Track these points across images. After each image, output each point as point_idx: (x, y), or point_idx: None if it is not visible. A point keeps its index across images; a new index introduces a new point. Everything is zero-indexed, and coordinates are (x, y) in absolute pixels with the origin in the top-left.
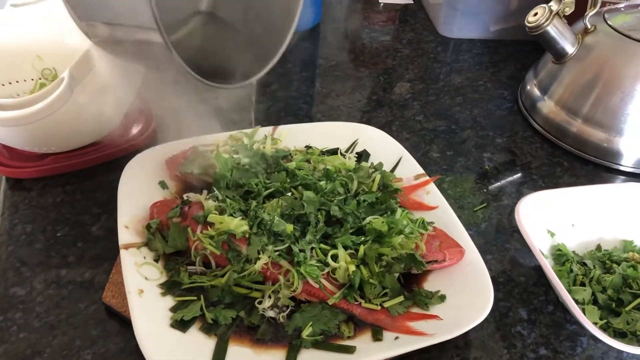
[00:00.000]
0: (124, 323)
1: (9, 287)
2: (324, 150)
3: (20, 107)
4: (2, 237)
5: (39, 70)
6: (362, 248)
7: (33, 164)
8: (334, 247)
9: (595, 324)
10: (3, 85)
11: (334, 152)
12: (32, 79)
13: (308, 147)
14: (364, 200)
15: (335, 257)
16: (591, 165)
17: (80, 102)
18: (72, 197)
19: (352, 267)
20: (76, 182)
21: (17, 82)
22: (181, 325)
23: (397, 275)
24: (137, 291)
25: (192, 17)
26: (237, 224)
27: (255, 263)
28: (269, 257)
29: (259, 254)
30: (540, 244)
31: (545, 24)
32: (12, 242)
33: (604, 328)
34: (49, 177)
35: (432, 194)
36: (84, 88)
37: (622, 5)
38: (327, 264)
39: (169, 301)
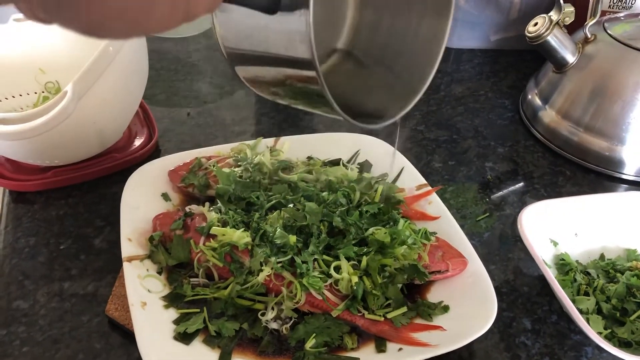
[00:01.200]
0: (127, 336)
1: (12, 301)
2: (326, 161)
3: (24, 121)
4: (6, 251)
5: (41, 83)
6: (364, 259)
7: (36, 177)
8: (337, 258)
9: (600, 333)
10: (6, 98)
11: (336, 163)
12: (35, 93)
13: (310, 158)
14: (367, 211)
15: (338, 269)
16: (593, 174)
17: (83, 115)
18: (75, 209)
19: (355, 279)
20: (79, 194)
21: (20, 95)
22: (184, 337)
23: (400, 286)
24: (140, 304)
25: (330, 54)
26: (240, 236)
27: (257, 275)
28: (272, 268)
29: (261, 265)
30: (543, 253)
31: (545, 34)
32: (15, 255)
33: (609, 338)
34: (52, 190)
35: (434, 204)
36: (87, 101)
37: (621, 14)
38: (330, 276)
39: (172, 313)
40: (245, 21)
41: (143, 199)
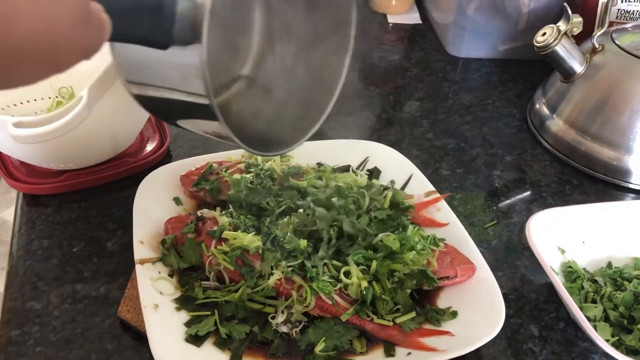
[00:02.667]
0: (139, 337)
1: (26, 302)
2: (335, 167)
3: (39, 125)
4: (20, 252)
5: (55, 88)
6: (374, 264)
7: (50, 181)
8: (346, 263)
9: (607, 341)
10: (21, 103)
11: (345, 169)
12: (49, 98)
13: (320, 164)
14: (375, 217)
15: (347, 274)
16: (601, 183)
17: (97, 120)
18: (87, 213)
19: (365, 283)
20: (92, 198)
21: (34, 100)
22: (196, 339)
23: (409, 291)
24: (153, 306)
25: (234, 81)
26: (251, 240)
27: (268, 278)
28: (282, 272)
29: (272, 269)
30: (550, 261)
31: (553, 44)
32: (29, 257)
33: (616, 345)
34: (65, 193)
35: (442, 211)
36: (101, 106)
37: (629, 25)
38: (339, 280)
39: (184, 316)
40: (141, 54)
41: (155, 203)
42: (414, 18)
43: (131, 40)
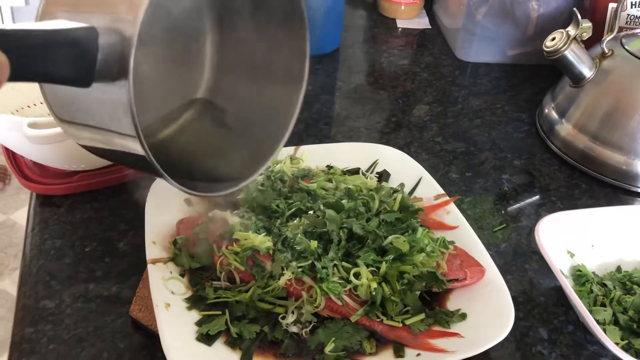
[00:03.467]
0: (150, 336)
1: (39, 300)
2: (345, 170)
3: (53, 126)
4: (33, 252)
5: None
6: (383, 265)
7: (62, 181)
8: (356, 264)
9: (617, 344)
10: (35, 105)
11: (355, 172)
12: None
13: (329, 167)
14: (385, 220)
15: (357, 275)
16: (610, 187)
17: None
18: (100, 213)
19: (374, 285)
20: (104, 199)
21: None
22: (207, 338)
23: (418, 293)
24: (164, 305)
25: (185, 108)
26: (262, 240)
27: (278, 279)
28: (293, 273)
29: (282, 270)
30: (560, 264)
31: (563, 49)
32: (42, 256)
33: (626, 349)
34: (77, 194)
35: (452, 214)
36: None
37: (639, 30)
38: (349, 281)
39: (195, 315)
40: (67, 89)
41: (166, 204)
42: (423, 23)
43: (42, 80)
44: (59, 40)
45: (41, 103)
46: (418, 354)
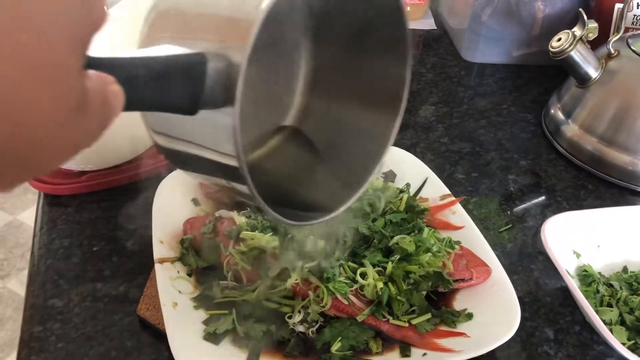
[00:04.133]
0: (157, 335)
1: (47, 299)
2: None
3: None
4: (41, 251)
5: None
6: (389, 265)
7: (71, 181)
8: (362, 264)
9: (623, 344)
10: None
11: None
12: None
13: None
14: (391, 221)
15: (363, 275)
16: (616, 188)
17: (118, 122)
18: (107, 213)
19: (380, 284)
20: (112, 199)
21: None
22: (214, 337)
23: (424, 293)
24: (172, 304)
25: (272, 135)
26: (268, 240)
27: (285, 279)
28: (299, 275)
29: (289, 270)
30: (566, 264)
31: (569, 49)
32: (50, 255)
33: (632, 349)
34: (85, 194)
35: (458, 214)
36: None
37: None
38: (355, 281)
39: (202, 314)
40: (167, 116)
41: (174, 204)
42: (429, 24)
43: (151, 109)
44: (175, 68)
45: None
46: (424, 354)
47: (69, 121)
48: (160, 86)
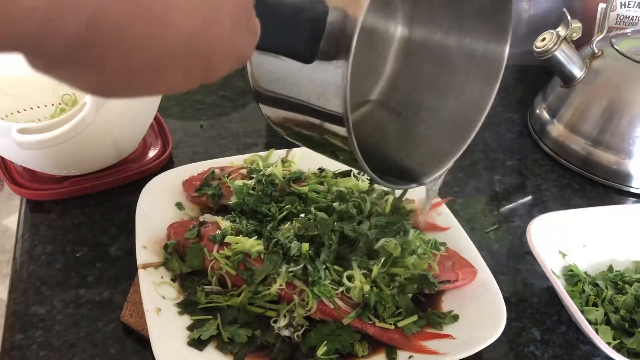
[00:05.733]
0: (142, 341)
1: (29, 306)
2: (337, 172)
3: (43, 131)
4: (23, 257)
5: (58, 96)
6: (375, 269)
7: (53, 187)
8: (347, 268)
9: (609, 344)
10: (24, 110)
11: (346, 174)
12: (52, 104)
13: (321, 169)
14: (375, 225)
15: (350, 278)
16: (601, 187)
17: (100, 126)
18: (90, 218)
19: (367, 287)
20: (95, 204)
21: (37, 107)
22: (198, 343)
23: (410, 295)
24: (155, 310)
25: (363, 104)
26: (252, 244)
27: (270, 284)
28: (284, 279)
29: (273, 275)
30: (552, 264)
31: (553, 49)
32: (32, 262)
33: (618, 348)
34: (68, 199)
35: (444, 215)
36: (105, 112)
37: (628, 30)
38: (341, 284)
39: (186, 320)
40: (279, 65)
41: (158, 208)
42: None
43: (274, 51)
44: (301, 13)
45: (31, 108)
46: (410, 357)
47: (237, 31)
48: (290, 27)
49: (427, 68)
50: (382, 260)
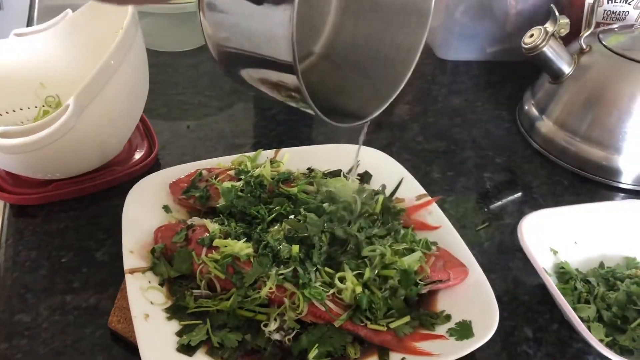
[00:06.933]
0: (130, 348)
1: (14, 314)
2: (326, 172)
3: (25, 135)
4: (7, 264)
5: (42, 97)
6: (367, 272)
7: (37, 191)
8: (338, 269)
9: (601, 341)
10: (7, 113)
11: (336, 174)
12: (36, 107)
13: (310, 169)
14: (363, 227)
15: (342, 279)
16: (591, 183)
17: (84, 129)
18: (76, 222)
19: (359, 289)
20: (80, 207)
21: (20, 109)
22: (187, 349)
23: (402, 297)
24: (143, 316)
25: (308, 56)
26: (241, 247)
27: (259, 287)
28: (274, 283)
29: (263, 278)
30: (543, 262)
31: (541, 45)
32: (16, 268)
33: (610, 345)
34: (53, 203)
35: (434, 214)
36: (88, 115)
37: (615, 26)
38: (332, 285)
39: (175, 325)
40: (232, 8)
41: (144, 212)
42: None
43: None
44: None
45: (13, 111)
46: (403, 358)
47: None
48: None
49: (364, 20)
50: (374, 264)
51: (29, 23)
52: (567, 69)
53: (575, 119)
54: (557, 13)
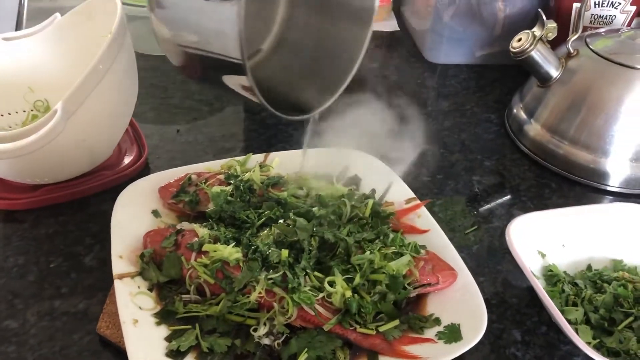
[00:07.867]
0: (119, 354)
1: (2, 320)
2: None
3: (13, 139)
4: None
5: (30, 102)
6: (357, 277)
7: (25, 196)
8: (328, 274)
9: (589, 343)
10: None
11: (325, 177)
12: (24, 111)
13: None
14: (352, 231)
15: (331, 283)
16: (579, 186)
17: (73, 133)
18: (65, 228)
19: (349, 293)
20: (69, 212)
21: (8, 114)
22: (177, 354)
23: (392, 300)
24: (132, 321)
25: (258, 52)
26: (231, 252)
27: (249, 292)
28: (263, 287)
29: (252, 282)
30: (531, 265)
31: (529, 49)
32: (4, 274)
33: (597, 347)
34: (41, 208)
35: (423, 218)
36: (77, 119)
37: (602, 30)
38: (321, 290)
39: (164, 330)
40: (180, 2)
41: (133, 216)
42: (392, 25)
43: None
44: None
45: (1, 115)
46: None
47: None
48: None
49: (312, 18)
50: (363, 268)
51: (18, 27)
52: (554, 72)
53: (563, 123)
54: (544, 17)
